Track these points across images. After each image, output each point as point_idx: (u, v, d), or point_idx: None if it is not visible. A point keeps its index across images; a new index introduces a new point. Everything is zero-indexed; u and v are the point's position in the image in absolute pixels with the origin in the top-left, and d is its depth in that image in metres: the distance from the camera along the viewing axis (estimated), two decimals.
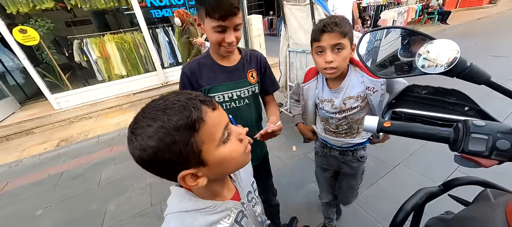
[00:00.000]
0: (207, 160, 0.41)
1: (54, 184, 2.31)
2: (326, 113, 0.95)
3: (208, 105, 0.41)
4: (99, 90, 4.34)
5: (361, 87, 0.87)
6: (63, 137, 3.32)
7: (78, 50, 4.12)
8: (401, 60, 0.48)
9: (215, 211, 0.47)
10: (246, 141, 0.47)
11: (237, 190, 0.56)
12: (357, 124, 0.95)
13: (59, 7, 3.72)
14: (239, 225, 0.51)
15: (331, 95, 0.92)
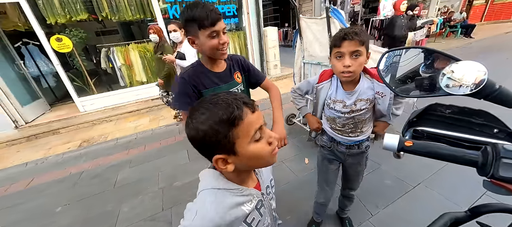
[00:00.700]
0: (238, 151, 0.48)
1: (74, 183, 2.43)
2: (335, 112, 1.05)
3: (249, 107, 0.48)
4: (120, 95, 4.60)
5: (371, 92, 0.98)
6: (85, 138, 3.52)
7: (105, 57, 4.43)
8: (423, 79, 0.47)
9: (242, 194, 0.55)
10: (274, 145, 0.53)
11: (259, 182, 0.63)
12: (362, 124, 1.05)
13: (91, 18, 4.06)
14: (258, 211, 0.59)
15: (345, 96, 1.01)
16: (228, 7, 5.05)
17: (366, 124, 1.08)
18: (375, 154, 2.25)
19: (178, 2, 4.50)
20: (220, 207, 0.51)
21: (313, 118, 1.19)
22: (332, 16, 1.89)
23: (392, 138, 0.40)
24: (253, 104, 0.51)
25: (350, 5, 9.24)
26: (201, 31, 0.87)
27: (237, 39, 5.51)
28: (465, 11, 8.94)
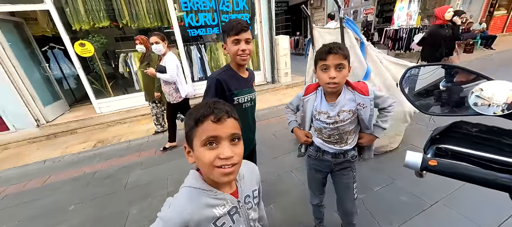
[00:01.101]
0: (194, 148, 0.56)
1: (87, 182, 2.51)
2: (321, 123, 1.10)
3: (213, 116, 0.53)
4: (135, 98, 4.76)
5: (353, 104, 1.04)
6: (100, 139, 3.65)
7: (123, 62, 4.63)
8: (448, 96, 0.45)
9: (215, 196, 0.59)
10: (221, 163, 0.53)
11: (237, 189, 0.65)
12: (347, 135, 1.10)
13: (113, 25, 4.29)
14: (230, 217, 0.61)
15: (328, 108, 1.07)
16: (242, 16, 5.16)
17: (351, 135, 1.12)
18: (389, 168, 2.18)
19: (194, 11, 4.66)
20: (191, 202, 0.57)
21: (301, 132, 1.23)
22: (346, 27, 1.88)
23: (415, 156, 0.38)
24: (221, 116, 0.53)
25: (363, 15, 9.17)
26: (228, 39, 1.10)
27: None
28: (485, 22, 8.59)
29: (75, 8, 3.87)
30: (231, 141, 0.55)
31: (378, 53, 2.09)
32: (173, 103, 2.76)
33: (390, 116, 1.13)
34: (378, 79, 2.04)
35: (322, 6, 10.81)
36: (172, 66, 2.56)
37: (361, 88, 1.03)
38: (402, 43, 7.06)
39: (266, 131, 3.28)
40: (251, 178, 0.71)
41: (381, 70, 2.04)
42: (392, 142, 2.40)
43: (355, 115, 1.06)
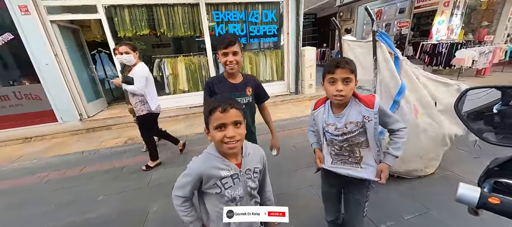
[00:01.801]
0: (209, 130, 0.81)
1: (116, 176, 2.69)
2: (330, 135, 1.13)
3: (220, 108, 0.76)
4: (164, 100, 5.07)
5: (359, 116, 1.05)
6: (130, 136, 3.93)
7: (157, 67, 5.01)
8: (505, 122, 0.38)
9: (222, 162, 0.84)
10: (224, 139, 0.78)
11: (241, 162, 0.88)
12: (358, 147, 1.11)
13: (151, 33, 4.70)
14: (232, 180, 0.85)
15: (335, 119, 1.11)
16: (269, 27, 5.27)
17: (363, 149, 1.10)
18: (423, 195, 1.95)
19: (225, 22, 4.89)
20: (205, 163, 0.84)
21: (318, 154, 1.24)
22: (379, 40, 1.79)
23: (471, 189, 0.32)
24: (227, 106, 0.77)
25: (397, 28, 8.68)
26: (219, 51, 1.33)
27: (275, 57, 5.64)
28: None
29: (122, 17, 4.34)
30: (234, 125, 0.79)
31: (415, 68, 1.94)
32: (139, 116, 2.60)
33: (403, 142, 1.09)
34: (413, 96, 1.88)
35: (351, 19, 10.55)
36: (140, 78, 2.42)
37: (367, 101, 1.04)
38: (441, 58, 6.47)
39: (286, 143, 3.20)
40: (255, 158, 0.92)
41: (417, 86, 1.88)
42: (428, 166, 2.15)
43: (363, 127, 1.06)
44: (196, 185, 0.86)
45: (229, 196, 0.85)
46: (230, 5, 4.86)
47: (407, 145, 1.95)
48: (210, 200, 0.89)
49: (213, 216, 0.89)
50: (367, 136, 1.07)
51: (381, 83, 1.94)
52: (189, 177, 0.85)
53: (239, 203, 0.87)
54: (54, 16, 4.07)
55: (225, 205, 0.84)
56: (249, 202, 0.92)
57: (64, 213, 2.09)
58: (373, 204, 1.91)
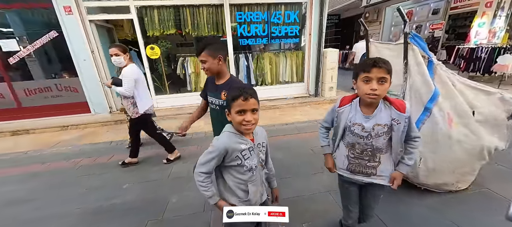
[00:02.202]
0: (231, 112, 0.98)
1: (139, 166, 2.86)
2: (353, 137, 1.12)
3: (243, 97, 0.93)
4: (186, 98, 5.29)
5: (388, 119, 1.06)
6: None
7: (181, 65, 5.22)
8: None
9: (241, 138, 1.02)
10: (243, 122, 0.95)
11: (254, 139, 1.07)
12: (379, 153, 1.12)
13: (177, 33, 4.93)
14: (249, 152, 1.03)
15: (363, 119, 1.09)
16: (291, 28, 5.22)
17: (384, 154, 1.12)
18: (454, 212, 1.79)
19: (247, 22, 4.95)
20: (229, 139, 1.00)
21: (331, 159, 1.32)
22: (411, 42, 1.68)
23: None
24: (247, 96, 0.93)
25: (429, 30, 8.07)
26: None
27: (295, 58, 5.58)
28: None
29: (151, 18, 4.60)
30: (252, 112, 0.96)
31: (451, 74, 1.79)
32: (133, 118, 2.62)
33: (416, 152, 1.14)
34: (447, 104, 1.73)
35: (378, 20, 10.05)
36: (129, 80, 2.40)
37: (398, 105, 1.06)
38: (479, 64, 5.89)
39: (304, 146, 3.15)
40: (261, 136, 1.12)
41: (453, 93, 1.73)
42: (461, 181, 1.97)
43: (389, 131, 1.07)
44: (220, 159, 1.00)
45: (247, 166, 1.02)
46: (253, 6, 4.91)
47: (438, 157, 1.82)
48: (229, 173, 1.05)
49: (233, 186, 1.05)
50: (393, 141, 1.09)
51: (411, 89, 1.82)
52: (214, 153, 0.98)
53: (254, 172, 1.05)
54: (93, 16, 4.44)
55: (243, 174, 1.03)
56: (261, 171, 1.11)
57: (93, 197, 2.27)
58: (398, 217, 1.81)
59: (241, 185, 1.04)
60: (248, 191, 1.04)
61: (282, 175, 2.48)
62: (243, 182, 1.04)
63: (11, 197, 2.34)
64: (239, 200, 1.06)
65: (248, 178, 1.04)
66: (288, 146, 3.19)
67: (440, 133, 1.75)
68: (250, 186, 1.04)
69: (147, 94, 2.72)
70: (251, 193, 1.05)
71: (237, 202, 1.06)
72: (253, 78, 5.48)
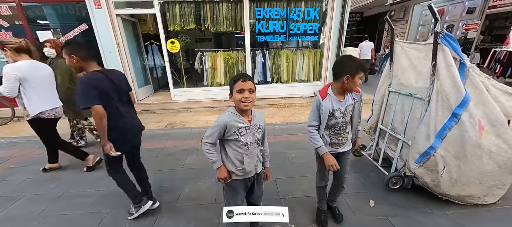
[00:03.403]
0: (233, 93, 1.19)
1: (156, 156, 2.99)
2: (335, 118, 1.44)
3: (242, 78, 1.16)
4: (202, 92, 5.41)
5: (351, 100, 1.46)
6: (170, 121, 4.30)
7: (199, 59, 5.35)
8: None
9: (240, 118, 1.21)
10: (242, 99, 1.16)
11: (251, 120, 1.25)
12: (348, 126, 1.53)
13: (197, 28, 5.03)
14: (245, 130, 1.22)
15: (340, 104, 1.43)
16: (311, 26, 5.10)
17: (349, 126, 1.54)
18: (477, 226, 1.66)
19: (266, 19, 4.92)
20: (229, 117, 1.21)
21: (332, 157, 1.46)
22: (441, 43, 1.57)
23: None
24: (246, 79, 1.16)
25: (462, 31, 7.44)
26: None
27: (313, 56, 5.46)
28: None
29: (173, 13, 4.75)
30: (249, 92, 1.16)
31: (486, 78, 1.64)
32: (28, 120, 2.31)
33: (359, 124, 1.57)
34: (479, 110, 1.59)
35: (404, 19, 9.47)
36: (8, 78, 2.05)
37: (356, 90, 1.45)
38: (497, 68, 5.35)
39: None
40: (259, 119, 1.30)
41: (486, 99, 1.59)
42: (488, 194, 1.82)
43: (353, 109, 1.47)
44: (221, 133, 1.21)
45: (243, 141, 1.22)
46: (272, 2, 4.86)
47: (465, 167, 1.70)
48: (229, 146, 1.26)
49: (232, 157, 1.26)
50: (354, 115, 1.49)
51: (438, 92, 1.70)
52: (216, 127, 1.20)
53: (249, 147, 1.25)
54: (119, 10, 4.68)
55: (240, 148, 1.24)
56: (256, 147, 1.30)
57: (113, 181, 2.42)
58: (415, 225, 1.73)
59: (239, 157, 1.25)
60: (243, 161, 1.25)
61: (292, 174, 2.46)
62: (240, 154, 1.24)
63: None
64: (236, 168, 1.27)
65: (244, 152, 1.24)
66: (300, 146, 3.15)
67: (469, 141, 1.62)
68: (245, 158, 1.25)
69: (43, 96, 2.30)
70: (246, 163, 1.25)
71: (235, 170, 1.27)
72: (268, 75, 5.46)
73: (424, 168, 1.86)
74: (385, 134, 2.34)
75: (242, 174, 1.29)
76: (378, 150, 2.51)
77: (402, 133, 2.08)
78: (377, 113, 2.48)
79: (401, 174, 2.04)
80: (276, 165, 2.64)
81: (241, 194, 1.37)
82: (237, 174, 1.28)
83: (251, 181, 1.39)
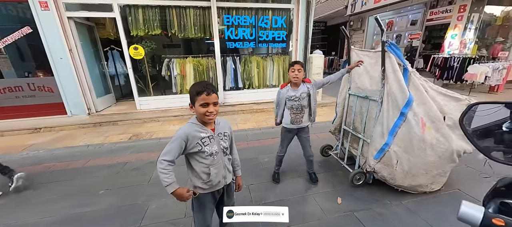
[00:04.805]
0: (195, 105, 1.13)
1: (117, 171, 2.72)
2: (292, 102, 2.02)
3: (206, 92, 1.09)
4: (171, 100, 5.16)
5: (306, 89, 2.00)
6: (135, 133, 3.99)
7: (166, 66, 5.10)
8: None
9: (201, 128, 1.17)
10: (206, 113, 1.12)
11: (214, 128, 1.22)
12: (305, 108, 2.07)
13: (163, 34, 4.81)
14: (209, 139, 1.17)
15: (294, 92, 2.00)
16: (278, 33, 5.30)
17: (305, 110, 2.08)
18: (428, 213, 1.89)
19: (235, 26, 4.96)
20: (189, 127, 1.15)
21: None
22: (388, 51, 1.76)
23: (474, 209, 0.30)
24: (210, 91, 1.10)
25: (408, 40, 8.55)
26: None
27: (282, 63, 5.66)
28: None
29: (136, 17, 4.47)
30: (214, 105, 1.12)
31: (424, 81, 1.89)
32: None
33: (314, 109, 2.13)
34: (421, 109, 1.83)
35: (361, 28, 10.49)
36: None
37: (307, 82, 2.05)
38: (452, 72, 6.32)
39: (289, 149, 3.16)
40: (224, 126, 1.27)
41: (426, 99, 1.83)
42: (434, 182, 2.08)
43: (308, 95, 2.02)
44: (182, 147, 1.12)
45: (208, 151, 1.17)
46: (241, 10, 4.93)
47: (413, 159, 1.90)
48: (194, 159, 1.18)
49: (198, 170, 1.19)
50: (311, 100, 2.03)
51: (388, 94, 1.90)
52: (177, 141, 1.11)
53: (215, 157, 1.20)
54: (72, 13, 4.23)
55: (205, 159, 1.18)
56: (223, 156, 1.25)
57: (65, 204, 2.12)
58: (376, 217, 1.87)
59: (205, 169, 1.19)
60: (210, 173, 1.19)
61: (265, 179, 2.47)
62: (206, 165, 1.18)
63: None
64: (202, 182, 1.21)
65: (210, 162, 1.18)
66: (274, 150, 3.18)
67: (415, 137, 1.84)
68: (212, 169, 1.19)
69: None
70: (213, 175, 1.20)
71: (201, 184, 1.21)
72: (240, 81, 5.47)
73: (382, 163, 2.05)
74: (348, 134, 2.52)
75: (209, 187, 1.23)
76: (343, 150, 2.68)
77: (362, 132, 2.26)
78: (340, 115, 2.66)
79: (363, 170, 2.21)
80: (249, 171, 2.62)
81: (210, 209, 1.31)
82: (203, 188, 1.22)
83: (220, 193, 1.33)
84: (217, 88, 5.16)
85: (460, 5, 6.55)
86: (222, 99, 5.32)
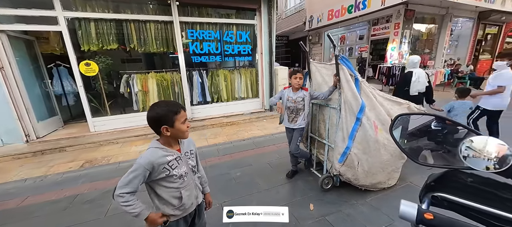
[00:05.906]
0: (174, 126, 1.05)
1: (65, 207, 2.33)
2: (289, 102, 2.38)
3: (183, 109, 1.08)
4: (132, 118, 4.74)
5: (302, 95, 2.34)
6: (88, 159, 3.51)
7: (125, 82, 4.70)
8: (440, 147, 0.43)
9: (167, 151, 1.08)
10: (187, 128, 1.10)
11: (180, 148, 1.15)
12: (299, 111, 2.39)
13: (120, 48, 4.47)
14: (176, 161, 1.09)
15: (293, 95, 2.36)
16: (244, 47, 5.43)
17: (300, 113, 2.39)
18: (387, 207, 2.07)
19: (199, 40, 4.91)
20: (153, 154, 1.04)
21: (280, 105, 2.40)
22: (340, 63, 1.96)
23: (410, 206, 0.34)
24: (184, 109, 1.09)
25: (358, 52, 9.69)
26: None
27: (250, 75, 5.78)
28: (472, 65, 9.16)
29: (87, 31, 4.07)
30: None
31: (372, 89, 2.15)
32: None
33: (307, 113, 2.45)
34: (373, 113, 2.06)
35: (319, 42, 11.51)
36: None
37: (305, 89, 2.39)
38: (395, 79, 7.35)
39: (261, 161, 3.19)
40: (188, 144, 1.22)
41: (375, 105, 2.07)
42: (390, 178, 2.32)
43: (303, 101, 2.34)
44: (145, 176, 1.01)
45: (177, 174, 1.08)
46: (205, 25, 4.93)
47: (371, 159, 2.10)
48: (161, 185, 1.08)
49: (166, 197, 1.09)
50: (305, 105, 2.34)
51: (345, 102, 2.09)
52: (138, 171, 0.99)
53: (185, 178, 1.12)
54: (5, 26, 3.64)
55: (174, 182, 1.08)
56: (193, 176, 1.20)
57: None
58: (344, 218, 1.97)
59: (175, 193, 1.10)
60: (181, 197, 1.11)
61: (239, 194, 2.42)
62: (176, 189, 1.09)
63: None
64: (173, 208, 1.11)
65: (180, 185, 1.10)
66: (245, 163, 3.17)
67: (370, 139, 2.05)
68: (183, 192, 1.11)
69: None
70: (185, 198, 1.12)
71: (173, 211, 1.11)
72: (208, 95, 5.37)
73: (345, 166, 2.20)
74: (315, 140, 2.66)
75: (182, 212, 1.14)
76: (312, 156, 2.81)
77: (327, 138, 2.42)
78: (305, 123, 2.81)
79: (331, 174, 2.34)
80: (221, 187, 2.53)
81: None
82: (175, 214, 1.13)
83: (192, 216, 1.25)
84: (184, 103, 4.97)
85: (395, 23, 7.76)
86: (190, 115, 5.13)
